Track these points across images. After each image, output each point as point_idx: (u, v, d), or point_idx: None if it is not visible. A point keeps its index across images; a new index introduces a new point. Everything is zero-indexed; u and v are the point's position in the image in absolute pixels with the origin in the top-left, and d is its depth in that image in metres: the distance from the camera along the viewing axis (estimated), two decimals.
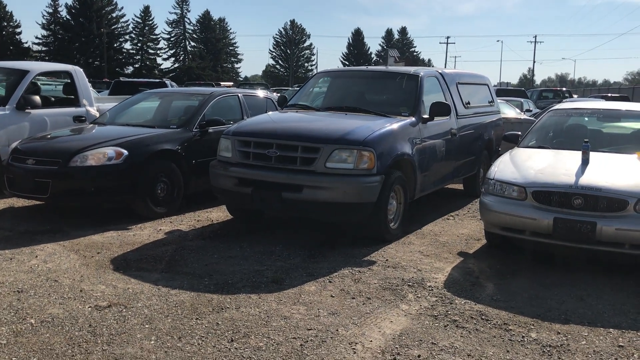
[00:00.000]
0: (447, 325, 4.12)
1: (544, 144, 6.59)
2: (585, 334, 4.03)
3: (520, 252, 5.87)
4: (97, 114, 9.09)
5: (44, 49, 77.95)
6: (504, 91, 29.33)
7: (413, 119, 6.80)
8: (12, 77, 8.71)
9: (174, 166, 7.19)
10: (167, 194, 7.12)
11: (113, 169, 6.60)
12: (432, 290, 4.82)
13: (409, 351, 3.68)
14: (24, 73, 8.64)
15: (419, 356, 3.61)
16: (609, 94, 35.21)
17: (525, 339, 3.91)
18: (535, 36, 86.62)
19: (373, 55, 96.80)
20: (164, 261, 5.38)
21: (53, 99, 9.46)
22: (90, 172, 6.54)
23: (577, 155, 5.71)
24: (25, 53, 74.73)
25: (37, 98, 8.49)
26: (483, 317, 4.28)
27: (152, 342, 3.71)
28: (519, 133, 7.12)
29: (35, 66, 9.20)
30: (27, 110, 8.35)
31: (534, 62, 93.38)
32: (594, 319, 4.31)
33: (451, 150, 7.68)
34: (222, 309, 4.28)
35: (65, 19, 77.10)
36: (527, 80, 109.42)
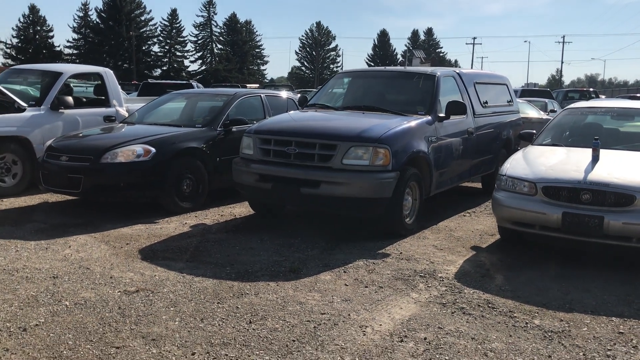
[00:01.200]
0: (455, 312, 4.33)
1: (557, 142, 6.75)
2: (587, 322, 4.20)
3: (532, 246, 6.04)
4: (126, 114, 9.47)
5: (75, 51, 79.66)
6: (529, 92, 29.23)
7: (429, 117, 7.00)
8: (47, 79, 9.15)
9: (199, 163, 7.51)
10: (192, 190, 7.44)
11: (141, 166, 6.94)
12: (442, 280, 5.04)
13: (416, 334, 3.91)
14: (57, 75, 9.07)
15: (425, 338, 3.84)
16: (638, 94, 34.78)
17: (529, 325, 4.11)
18: (564, 36, 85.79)
19: (399, 56, 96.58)
20: (189, 252, 5.69)
21: (84, 99, 9.87)
22: (120, 168, 6.89)
23: (587, 153, 5.87)
24: (57, 56, 76.49)
25: (70, 99, 8.90)
26: (490, 305, 4.48)
27: (177, 322, 4.00)
28: (534, 131, 7.27)
29: (68, 68, 9.63)
30: (60, 110, 8.76)
31: (562, 62, 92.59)
32: (598, 308, 4.47)
33: (468, 148, 7.85)
34: (242, 294, 4.56)
35: (95, 22, 78.70)
36: (555, 81, 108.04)
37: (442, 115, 7.15)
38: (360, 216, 6.60)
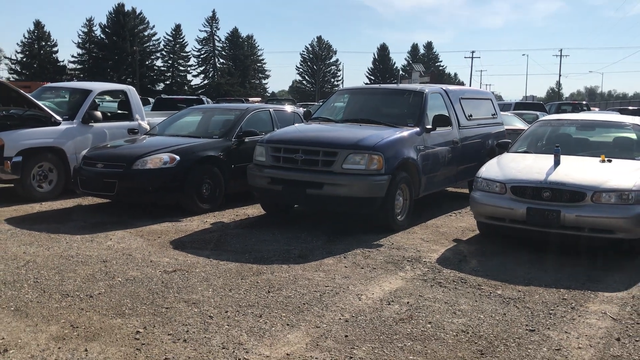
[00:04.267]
0: (433, 285, 5.35)
1: (528, 149, 7.79)
2: (540, 292, 5.22)
3: (506, 239, 7.04)
4: (148, 127, 10.52)
5: (79, 67, 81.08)
6: (523, 105, 30.52)
7: (418, 129, 8.04)
8: (78, 96, 10.22)
9: (216, 170, 8.55)
10: (210, 193, 8.48)
11: (167, 172, 7.99)
12: (426, 263, 6.05)
13: (401, 300, 4.93)
14: (87, 92, 10.14)
15: (407, 302, 4.86)
16: (630, 107, 35.88)
17: (492, 294, 5.12)
18: (561, 50, 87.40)
19: (400, 70, 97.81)
20: (212, 243, 6.72)
21: (109, 114, 10.93)
22: (149, 174, 7.93)
23: (550, 158, 6.90)
24: (61, 71, 77.88)
25: (98, 113, 9.96)
26: (462, 280, 5.49)
27: (210, 292, 5.02)
28: (510, 141, 8.31)
29: (97, 86, 10.69)
30: (90, 124, 9.81)
31: (560, 75, 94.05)
32: (551, 283, 5.48)
33: (453, 156, 8.89)
34: (261, 273, 5.58)
35: (99, 37, 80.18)
36: (554, 94, 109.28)
37: (429, 127, 8.18)
38: (358, 213, 7.63)
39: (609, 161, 6.84)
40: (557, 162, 6.78)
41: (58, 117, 9.48)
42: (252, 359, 3.77)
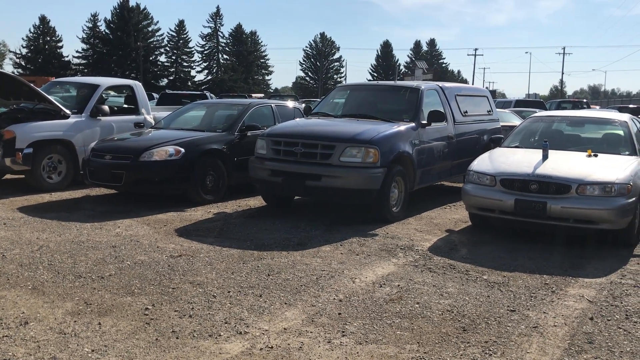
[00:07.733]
0: (423, 270, 5.68)
1: (519, 145, 8.10)
2: (524, 277, 5.54)
3: (496, 230, 7.37)
4: (153, 122, 10.85)
5: (83, 61, 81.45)
6: (523, 102, 30.78)
7: (413, 124, 8.35)
8: (86, 90, 10.55)
9: (219, 162, 8.88)
10: (214, 185, 8.81)
11: (173, 164, 8.32)
12: (418, 251, 6.38)
13: (392, 283, 5.25)
14: (95, 87, 10.47)
15: (398, 285, 5.19)
16: (630, 105, 36.14)
17: (478, 279, 5.45)
18: (564, 48, 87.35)
19: (401, 67, 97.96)
20: (216, 231, 7.05)
21: (116, 108, 11.26)
22: (155, 166, 8.27)
23: (539, 153, 7.22)
24: (66, 66, 78.25)
25: (106, 107, 10.29)
26: (451, 266, 5.82)
27: (214, 274, 5.36)
28: (502, 136, 8.63)
29: (104, 81, 11.02)
30: (98, 118, 10.14)
31: (563, 73, 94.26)
32: (535, 269, 5.81)
33: (448, 151, 9.20)
34: (261, 258, 5.91)
35: (104, 33, 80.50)
36: (557, 92, 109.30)
37: (424, 122, 8.49)
38: (354, 204, 7.95)
39: (595, 156, 7.15)
40: (545, 157, 7.09)
41: (67, 111, 9.81)
42: (252, 333, 4.11)
